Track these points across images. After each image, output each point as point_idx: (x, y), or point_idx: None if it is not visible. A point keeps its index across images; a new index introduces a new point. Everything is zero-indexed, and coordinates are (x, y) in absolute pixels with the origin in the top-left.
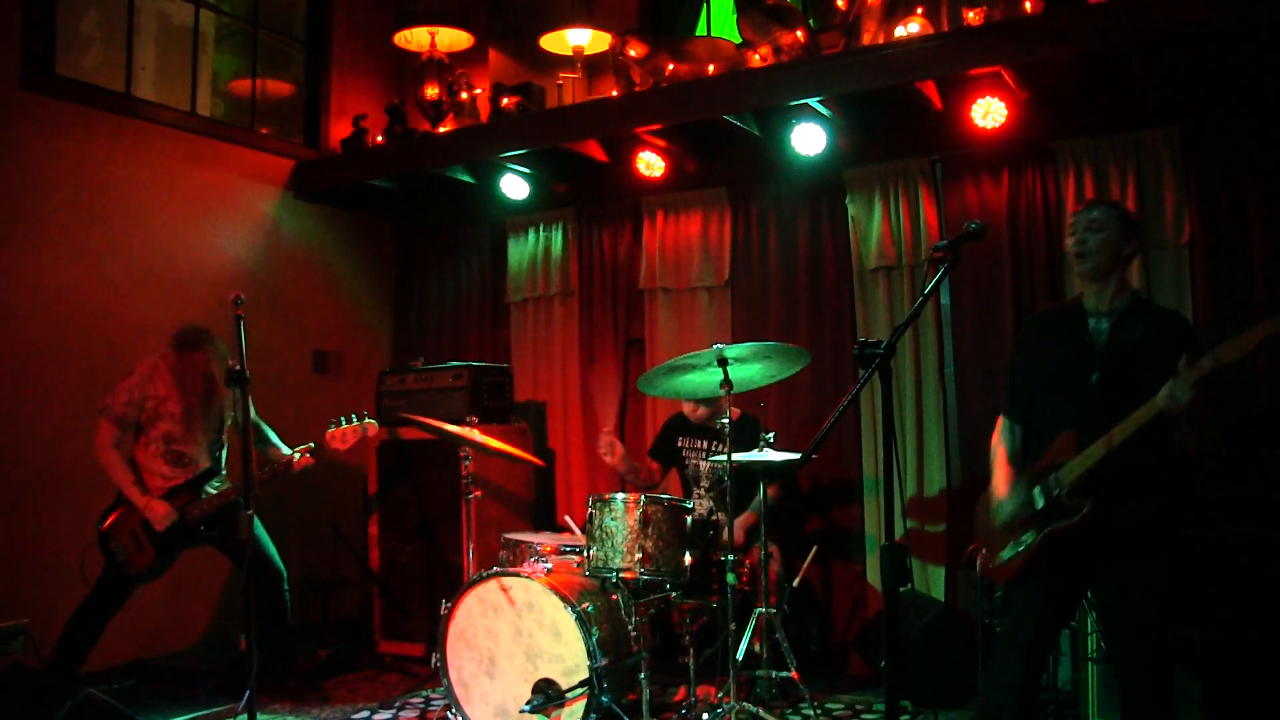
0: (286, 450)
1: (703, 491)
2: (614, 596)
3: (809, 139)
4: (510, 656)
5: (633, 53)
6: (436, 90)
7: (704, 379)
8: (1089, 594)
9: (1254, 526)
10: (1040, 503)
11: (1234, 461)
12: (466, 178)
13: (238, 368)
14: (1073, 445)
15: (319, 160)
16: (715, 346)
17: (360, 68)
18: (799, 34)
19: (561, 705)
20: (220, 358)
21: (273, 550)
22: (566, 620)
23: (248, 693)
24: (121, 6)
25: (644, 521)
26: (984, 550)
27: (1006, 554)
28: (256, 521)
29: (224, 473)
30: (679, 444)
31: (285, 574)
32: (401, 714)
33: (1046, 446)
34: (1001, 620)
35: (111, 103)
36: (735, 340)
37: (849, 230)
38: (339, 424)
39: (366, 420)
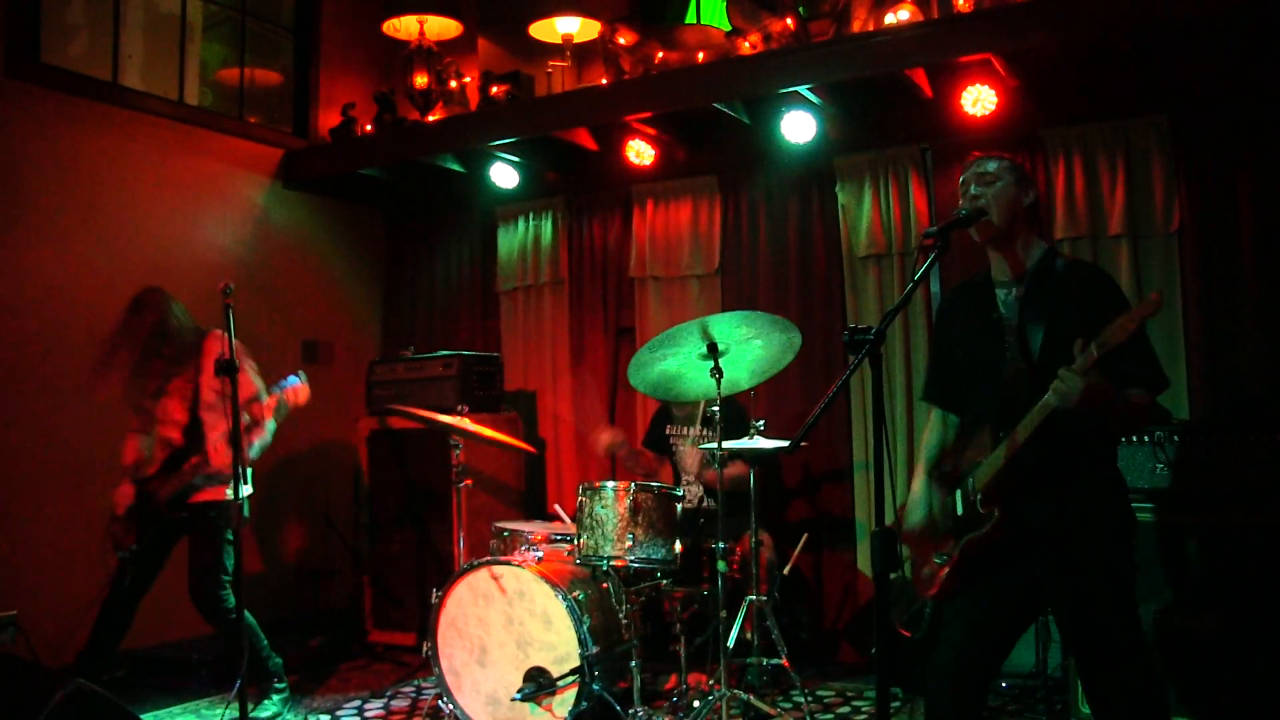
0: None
1: (691, 479)
2: (605, 585)
3: (799, 127)
4: (501, 645)
5: (622, 41)
6: (425, 79)
7: (692, 369)
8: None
9: (1269, 515)
10: (960, 508)
11: (1244, 448)
12: (456, 166)
13: (228, 357)
14: (991, 441)
15: (308, 149)
16: (699, 320)
17: (349, 56)
18: (789, 21)
19: (553, 693)
20: (173, 314)
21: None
22: (558, 608)
23: (239, 682)
24: None
25: (634, 509)
26: (914, 559)
27: (929, 569)
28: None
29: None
30: (667, 432)
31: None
32: (393, 703)
33: (973, 441)
34: (932, 641)
35: (98, 91)
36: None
37: (839, 218)
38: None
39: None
